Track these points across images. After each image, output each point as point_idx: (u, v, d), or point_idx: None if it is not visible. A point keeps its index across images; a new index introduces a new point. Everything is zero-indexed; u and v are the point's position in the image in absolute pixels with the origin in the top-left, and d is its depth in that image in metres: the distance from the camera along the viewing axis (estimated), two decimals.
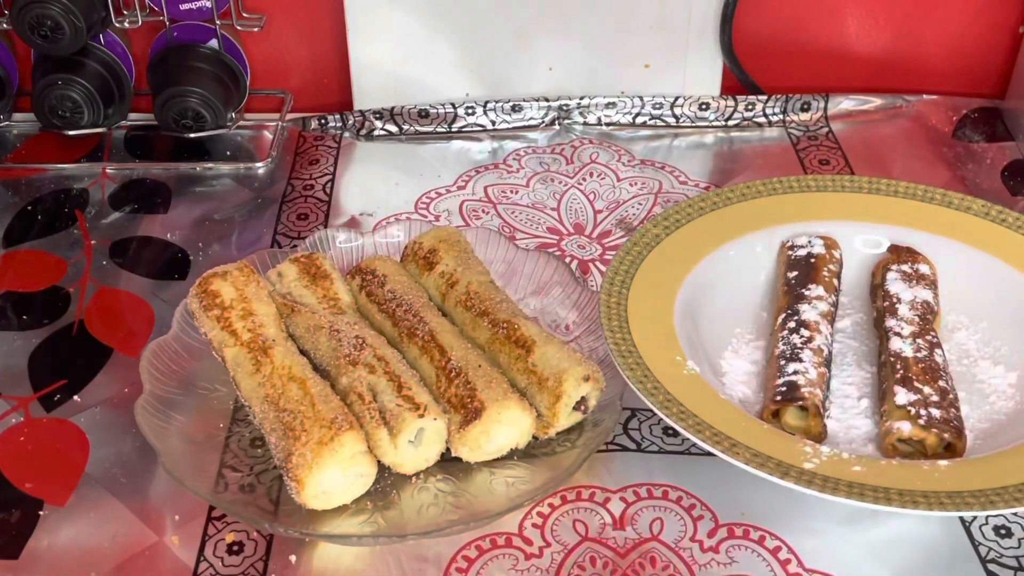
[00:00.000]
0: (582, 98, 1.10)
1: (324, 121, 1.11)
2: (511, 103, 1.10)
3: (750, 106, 1.11)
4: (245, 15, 1.07)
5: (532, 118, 1.10)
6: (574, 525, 0.70)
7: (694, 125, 1.11)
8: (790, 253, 0.84)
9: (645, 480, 0.73)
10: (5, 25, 1.02)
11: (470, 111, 1.10)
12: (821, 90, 1.12)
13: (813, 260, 0.83)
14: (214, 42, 1.05)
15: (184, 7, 1.04)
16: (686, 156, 1.07)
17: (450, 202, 1.00)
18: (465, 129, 1.10)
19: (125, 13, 1.04)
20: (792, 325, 0.77)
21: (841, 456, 0.68)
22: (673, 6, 1.07)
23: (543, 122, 1.11)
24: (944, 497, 0.64)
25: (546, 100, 1.10)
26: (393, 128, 1.10)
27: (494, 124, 1.10)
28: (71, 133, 1.05)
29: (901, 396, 0.72)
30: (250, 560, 0.68)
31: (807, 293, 0.80)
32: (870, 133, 1.10)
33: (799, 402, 0.72)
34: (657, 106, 1.11)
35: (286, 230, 0.97)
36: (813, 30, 1.12)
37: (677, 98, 1.11)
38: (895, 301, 0.80)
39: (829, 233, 0.86)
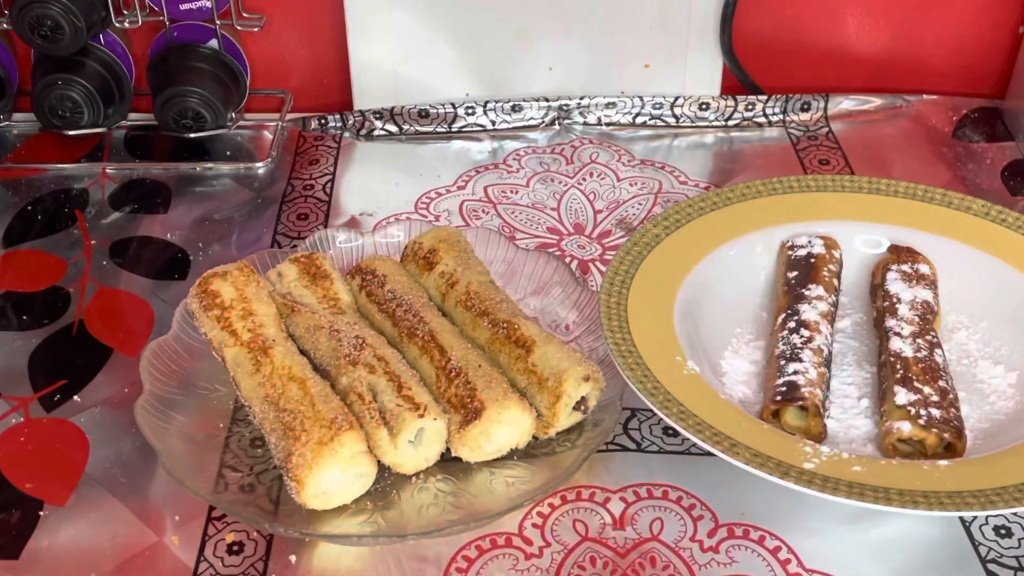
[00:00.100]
0: (582, 98, 1.10)
1: (324, 121, 1.11)
2: (511, 103, 1.10)
3: (750, 106, 1.11)
4: (245, 15, 1.07)
5: (532, 118, 1.10)
6: (574, 525, 0.70)
7: (694, 125, 1.11)
8: (790, 253, 0.84)
9: (645, 480, 0.73)
10: (5, 25, 1.02)
11: (470, 111, 1.10)
12: (821, 90, 1.12)
13: (813, 260, 0.83)
14: (214, 42, 1.05)
15: (184, 7, 1.04)
16: (686, 156, 1.07)
17: (450, 202, 1.00)
18: (465, 129, 1.10)
19: (125, 13, 1.04)
20: (792, 325, 0.77)
21: (841, 456, 0.68)
22: (673, 6, 1.07)
23: (543, 122, 1.11)
24: (944, 497, 0.64)
25: (546, 100, 1.10)
26: (393, 128, 1.10)
27: (494, 124, 1.10)
28: (71, 133, 1.05)
29: (901, 396, 0.72)
30: (250, 560, 0.68)
31: (807, 293, 0.80)
32: (870, 133, 1.10)
33: (799, 402, 0.72)
34: (657, 106, 1.11)
35: (286, 230, 0.97)
36: (813, 30, 1.12)
37: (677, 98, 1.11)
38: (895, 301, 0.80)
39: (829, 233, 0.86)
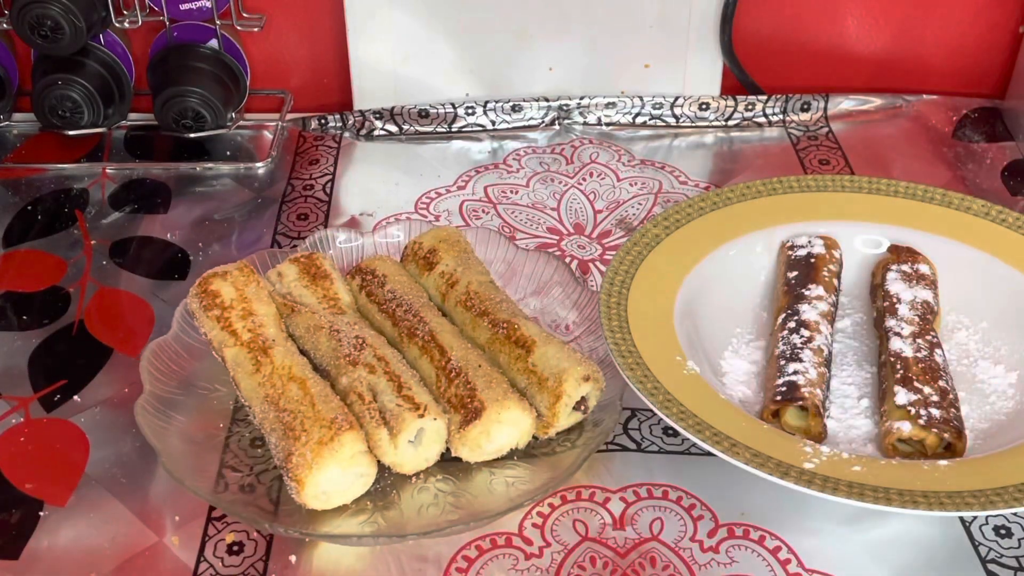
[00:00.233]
0: (582, 98, 1.10)
1: (324, 121, 1.10)
2: (511, 103, 1.10)
3: (750, 106, 1.11)
4: (245, 15, 1.07)
5: (532, 118, 1.10)
6: (574, 525, 0.70)
7: (694, 125, 1.11)
8: (790, 253, 0.84)
9: (645, 480, 0.73)
10: (5, 25, 1.02)
11: (470, 111, 1.10)
12: (821, 90, 1.12)
13: (813, 260, 0.83)
14: (214, 42, 1.05)
15: (184, 7, 1.04)
16: (686, 156, 1.07)
17: (450, 202, 1.00)
18: (465, 129, 1.10)
19: (125, 13, 1.04)
20: (792, 325, 0.77)
21: (841, 456, 0.68)
22: (673, 6, 1.07)
23: (543, 122, 1.11)
24: (944, 497, 0.64)
25: (546, 100, 1.10)
26: (393, 128, 1.10)
27: (494, 124, 1.10)
28: (71, 133, 1.05)
29: (901, 396, 0.72)
30: (250, 560, 0.68)
31: (807, 293, 0.80)
32: (870, 133, 1.10)
33: (799, 402, 0.72)
34: (657, 106, 1.11)
35: (286, 230, 0.97)
36: (813, 30, 1.12)
37: (677, 98, 1.11)
38: (895, 301, 0.80)
39: (829, 233, 0.86)
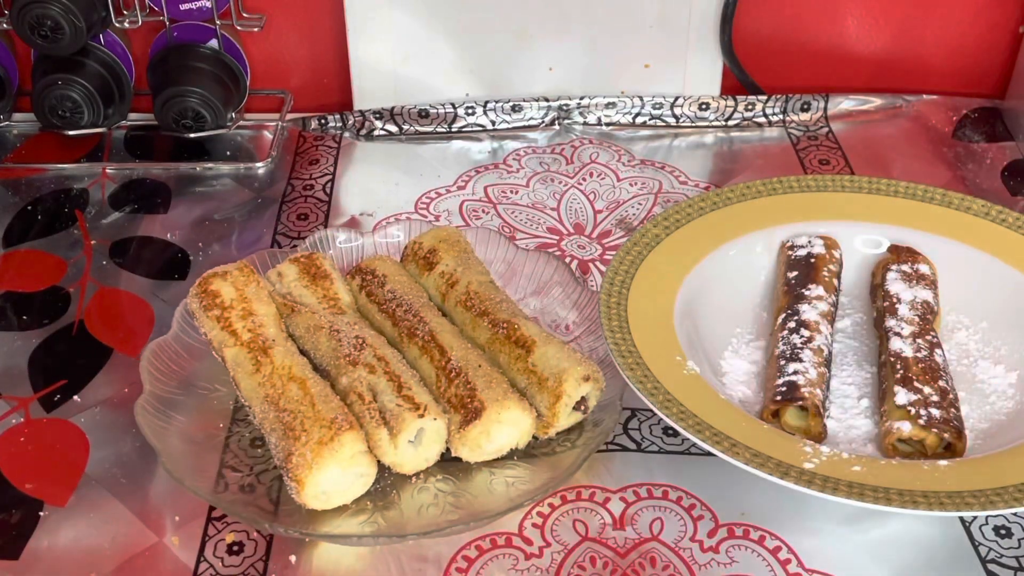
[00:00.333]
0: (582, 98, 1.10)
1: (324, 121, 1.10)
2: (511, 103, 1.10)
3: (750, 106, 1.11)
4: (245, 15, 1.07)
5: (532, 118, 1.10)
6: (574, 525, 0.70)
7: (694, 125, 1.11)
8: (790, 253, 0.84)
9: (645, 480, 0.73)
10: (5, 25, 1.02)
11: (470, 111, 1.10)
12: (821, 90, 1.12)
13: (813, 260, 0.83)
14: (214, 42, 1.05)
15: (184, 7, 1.04)
16: (686, 156, 1.07)
17: (450, 202, 1.00)
18: (465, 129, 1.10)
19: (125, 13, 1.04)
20: (792, 325, 0.77)
21: (841, 456, 0.68)
22: (673, 6, 1.07)
23: (543, 122, 1.11)
24: (944, 497, 0.64)
25: (546, 100, 1.10)
26: (393, 128, 1.10)
27: (494, 124, 1.10)
28: (71, 133, 1.05)
29: (901, 396, 0.72)
30: (250, 560, 0.68)
31: (807, 293, 0.80)
32: (870, 133, 1.10)
33: (799, 402, 0.72)
34: (657, 106, 1.11)
35: (286, 230, 0.97)
36: (813, 30, 1.12)
37: (677, 98, 1.11)
38: (895, 301, 0.80)
39: (829, 233, 0.86)
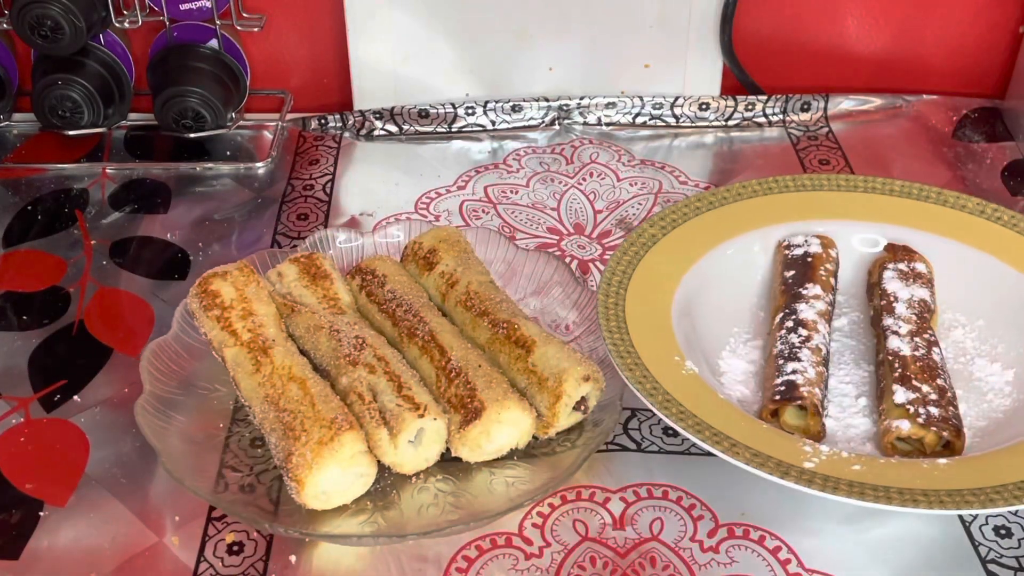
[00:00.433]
0: (582, 98, 1.10)
1: (324, 121, 1.11)
2: (511, 103, 1.10)
3: (750, 106, 1.11)
4: (245, 15, 1.07)
5: (532, 118, 1.10)
6: (574, 525, 0.70)
7: (694, 125, 1.11)
8: (787, 252, 0.84)
9: (645, 480, 0.73)
10: (5, 25, 1.02)
11: (470, 111, 1.10)
12: (821, 90, 1.12)
13: (810, 259, 0.83)
14: (214, 42, 1.05)
15: (184, 7, 1.04)
16: (686, 156, 1.07)
17: (450, 202, 1.00)
18: (465, 129, 1.10)
19: (125, 13, 1.04)
20: (790, 324, 0.77)
21: (840, 455, 0.68)
22: (673, 6, 1.07)
23: (543, 122, 1.11)
24: (944, 495, 0.64)
25: (546, 100, 1.10)
26: (393, 128, 1.10)
27: (494, 124, 1.10)
28: (71, 133, 1.05)
29: (900, 394, 0.72)
30: (250, 560, 0.68)
31: (804, 292, 0.80)
32: (870, 133, 1.10)
33: (798, 401, 0.72)
34: (657, 106, 1.11)
35: (286, 230, 0.97)
36: (813, 30, 1.12)
37: (677, 98, 1.11)
38: (892, 300, 0.80)
39: (826, 232, 0.86)
